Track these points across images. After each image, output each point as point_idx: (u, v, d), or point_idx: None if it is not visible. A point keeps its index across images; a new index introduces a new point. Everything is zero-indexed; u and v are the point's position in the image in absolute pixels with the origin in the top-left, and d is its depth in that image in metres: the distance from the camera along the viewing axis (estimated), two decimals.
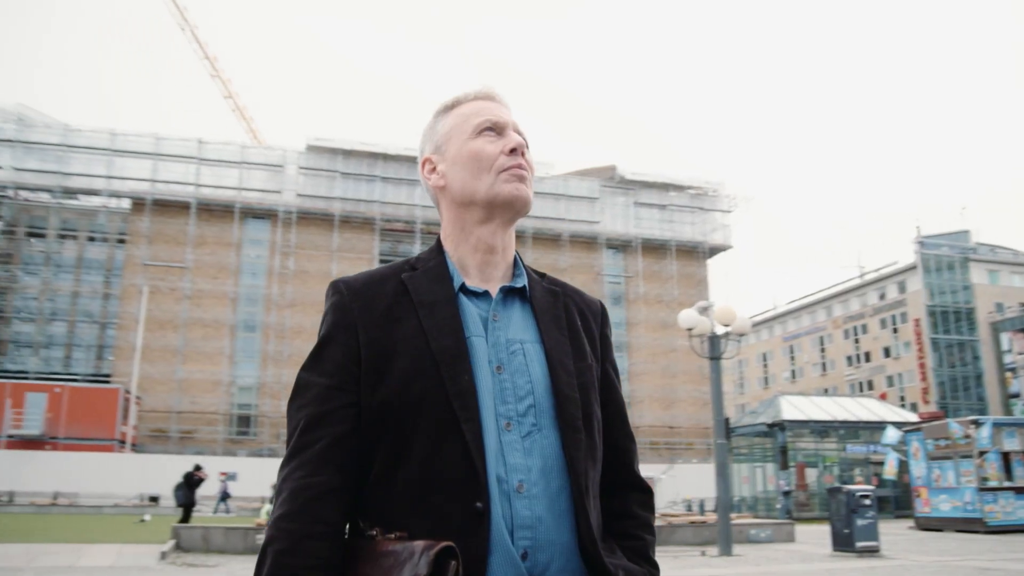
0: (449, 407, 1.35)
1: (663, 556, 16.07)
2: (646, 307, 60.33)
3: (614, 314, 61.37)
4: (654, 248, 62.31)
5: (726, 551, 15.81)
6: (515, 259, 1.59)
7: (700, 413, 56.10)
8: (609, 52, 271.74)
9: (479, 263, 1.53)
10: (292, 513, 1.33)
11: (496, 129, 1.54)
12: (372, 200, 57.61)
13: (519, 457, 1.37)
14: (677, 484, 41.50)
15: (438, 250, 1.57)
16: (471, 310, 1.48)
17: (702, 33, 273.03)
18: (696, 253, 63.21)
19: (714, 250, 64.09)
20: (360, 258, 56.38)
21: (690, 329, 17.11)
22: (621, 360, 60.44)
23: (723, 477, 16.79)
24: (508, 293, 1.53)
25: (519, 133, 1.57)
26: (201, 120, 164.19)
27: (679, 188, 64.16)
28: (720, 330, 17.18)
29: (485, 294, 1.51)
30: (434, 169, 1.59)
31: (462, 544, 1.26)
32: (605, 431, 1.53)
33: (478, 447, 1.33)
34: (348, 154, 57.87)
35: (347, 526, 1.39)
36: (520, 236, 59.82)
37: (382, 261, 58.03)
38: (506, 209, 1.52)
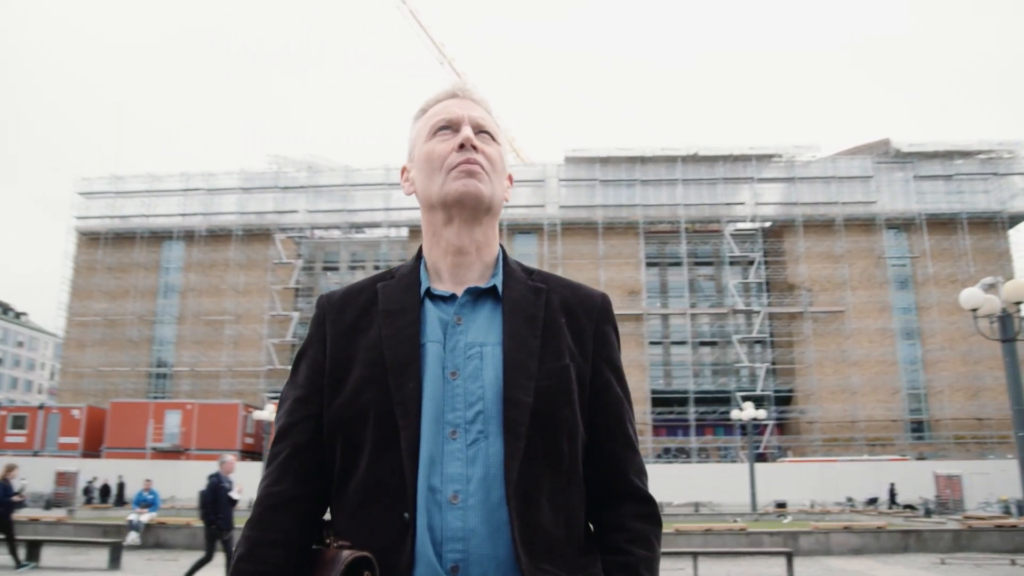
0: (392, 416, 1.34)
1: (962, 564, 14.47)
2: (937, 289, 54.96)
3: (900, 299, 56.71)
4: (941, 224, 56.74)
5: None
6: (497, 258, 1.51)
7: None
8: (613, 52, 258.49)
9: (450, 266, 1.49)
10: (252, 521, 1.40)
11: (452, 126, 1.50)
12: (634, 204, 57.62)
13: (458, 467, 1.32)
14: (991, 483, 37.48)
15: (417, 257, 1.55)
16: (433, 315, 1.43)
17: (708, 30, 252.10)
18: (993, 224, 56.72)
19: (1015, 219, 57.18)
20: (627, 263, 56.60)
21: (974, 310, 15.28)
22: (912, 348, 55.61)
23: None
24: (479, 295, 1.45)
25: (478, 125, 1.50)
26: None
27: (966, 154, 58.00)
28: (1013, 309, 15.20)
29: (452, 297, 1.45)
30: (407, 177, 1.59)
31: (390, 555, 1.27)
32: (595, 437, 1.45)
33: (411, 456, 1.31)
34: (605, 161, 58.32)
35: (310, 533, 1.42)
36: (789, 225, 57.09)
37: (648, 264, 58.03)
38: (460, 207, 1.46)
